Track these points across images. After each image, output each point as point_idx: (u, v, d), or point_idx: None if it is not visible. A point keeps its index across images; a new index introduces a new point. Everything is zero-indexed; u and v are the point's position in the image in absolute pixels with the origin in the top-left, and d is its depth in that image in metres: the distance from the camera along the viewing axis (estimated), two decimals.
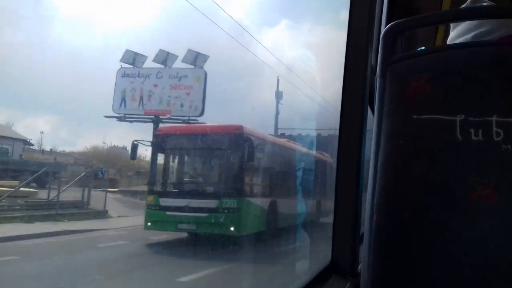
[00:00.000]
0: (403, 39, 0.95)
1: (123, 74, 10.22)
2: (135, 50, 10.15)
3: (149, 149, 8.78)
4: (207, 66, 10.34)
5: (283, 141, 10.59)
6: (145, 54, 10.33)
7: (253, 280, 6.05)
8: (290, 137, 11.55)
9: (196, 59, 10.04)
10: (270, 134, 11.36)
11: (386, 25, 0.96)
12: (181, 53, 10.07)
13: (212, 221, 7.60)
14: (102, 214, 9.40)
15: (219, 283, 6.04)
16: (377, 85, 0.91)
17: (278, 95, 13.60)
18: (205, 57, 10.22)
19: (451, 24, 1.09)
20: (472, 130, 0.79)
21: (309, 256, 6.35)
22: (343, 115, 1.53)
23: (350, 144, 1.50)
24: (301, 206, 9.68)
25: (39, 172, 9.11)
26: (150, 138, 8.84)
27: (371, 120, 1.04)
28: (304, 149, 10.78)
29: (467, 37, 1.02)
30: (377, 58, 0.94)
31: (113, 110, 10.39)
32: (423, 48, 1.04)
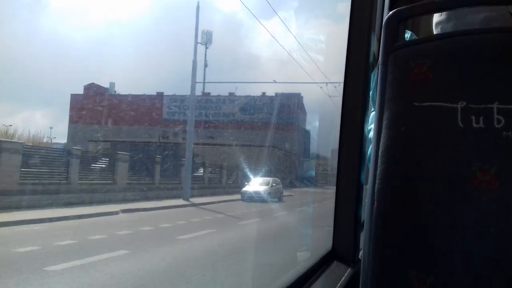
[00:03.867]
0: (406, 26, 0.93)
1: None
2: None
3: None
4: None
5: None
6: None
7: None
8: None
9: None
10: None
11: (388, 12, 0.95)
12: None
13: None
14: None
15: None
16: (379, 72, 0.91)
17: None
18: None
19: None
20: (473, 117, 0.79)
21: None
22: (345, 102, 1.53)
23: (352, 130, 1.51)
24: None
25: None
26: None
27: None
28: None
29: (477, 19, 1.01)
30: (379, 46, 0.94)
31: None
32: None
